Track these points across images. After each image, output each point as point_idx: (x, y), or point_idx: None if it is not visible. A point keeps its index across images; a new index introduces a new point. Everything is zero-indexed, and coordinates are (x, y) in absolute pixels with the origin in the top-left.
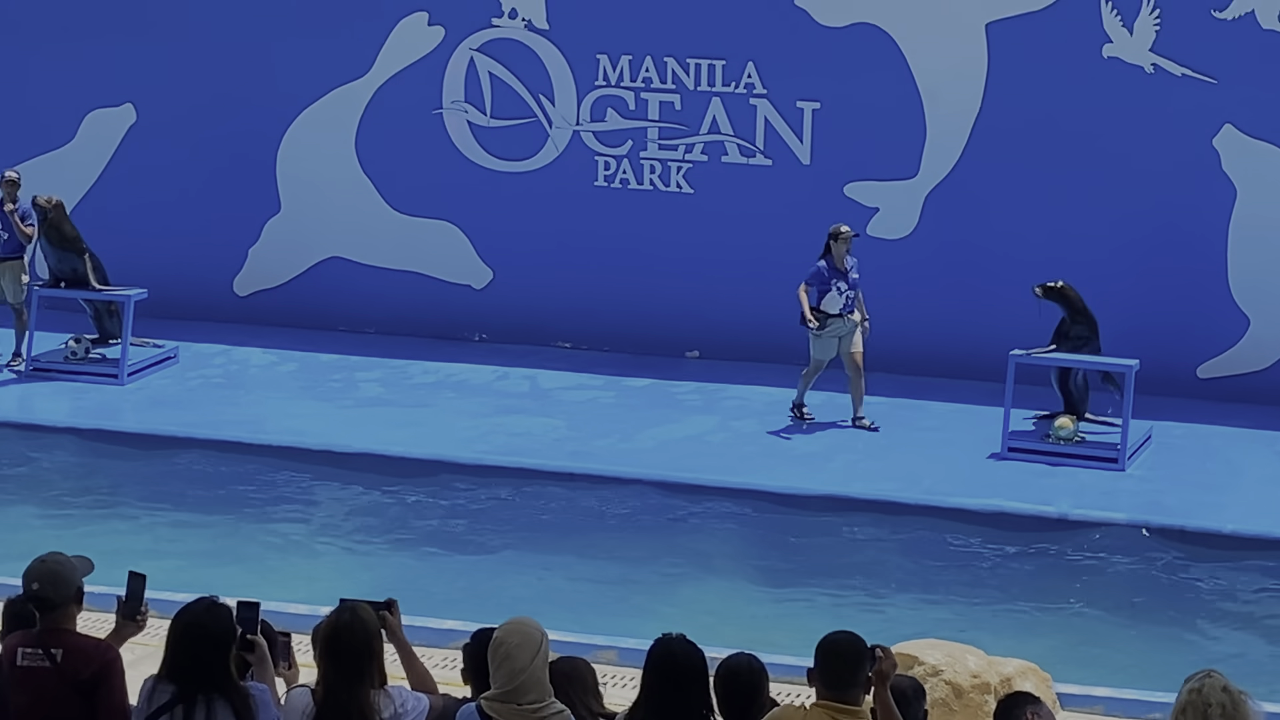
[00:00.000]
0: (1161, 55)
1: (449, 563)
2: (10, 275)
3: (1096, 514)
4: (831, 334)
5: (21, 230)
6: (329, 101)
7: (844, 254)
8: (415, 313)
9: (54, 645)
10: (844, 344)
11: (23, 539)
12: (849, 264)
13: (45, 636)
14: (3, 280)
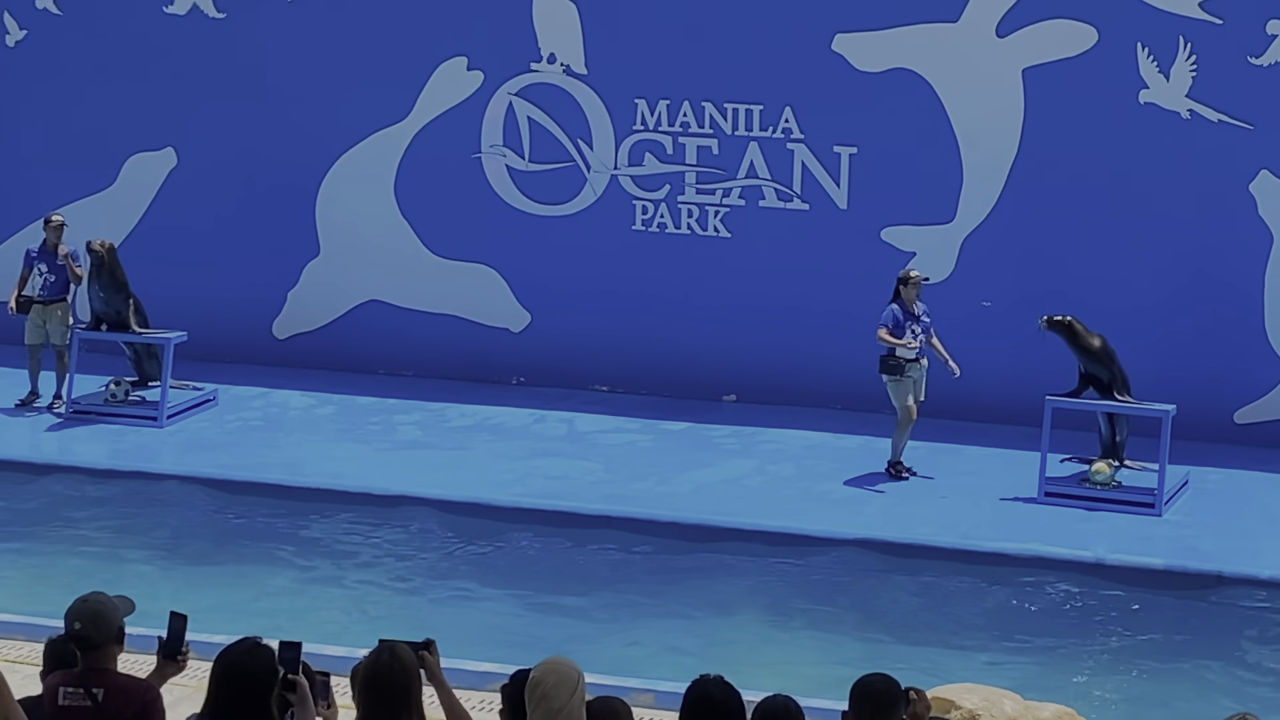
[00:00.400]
0: (1198, 101)
1: (486, 605)
2: (56, 317)
3: (1133, 559)
4: (909, 378)
5: (74, 272)
6: (368, 145)
7: (914, 298)
8: (453, 356)
9: (95, 685)
10: (918, 388)
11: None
12: (919, 308)
13: (87, 676)
14: (49, 322)
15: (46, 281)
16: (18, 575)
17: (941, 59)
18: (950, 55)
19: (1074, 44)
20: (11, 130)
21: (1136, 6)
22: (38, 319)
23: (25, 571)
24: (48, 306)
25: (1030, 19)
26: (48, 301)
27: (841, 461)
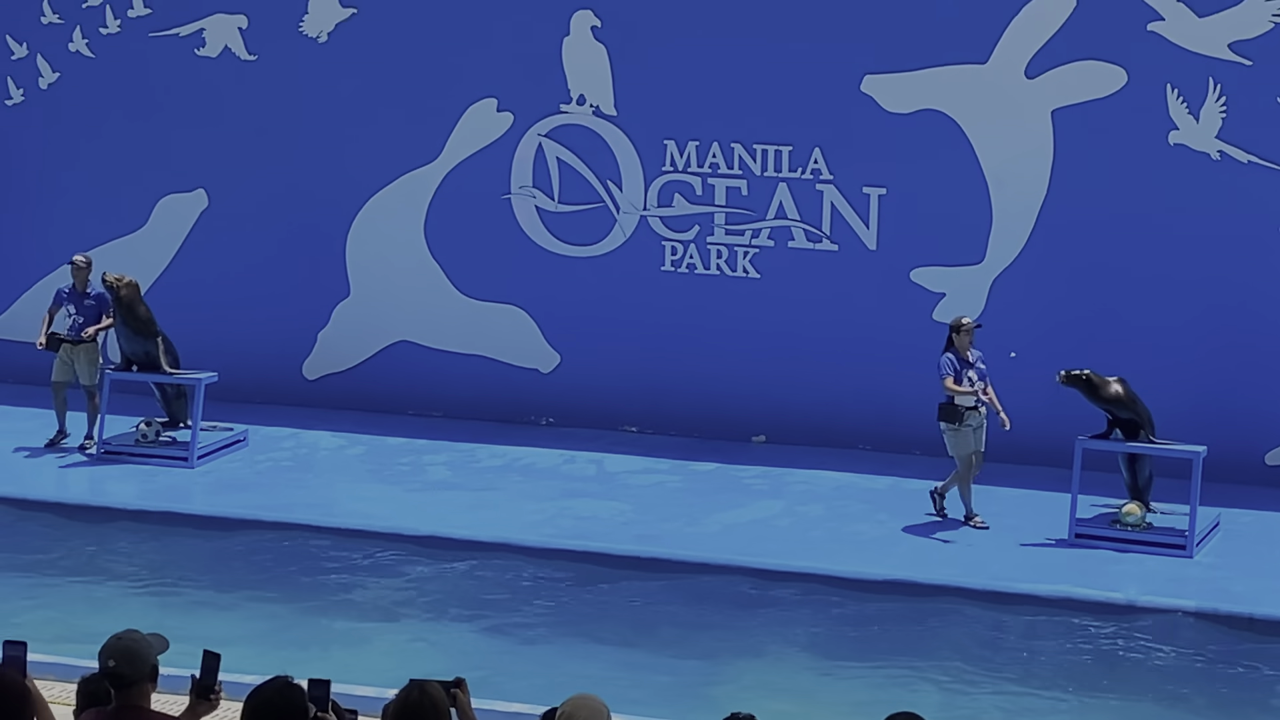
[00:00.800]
0: (1228, 142)
1: (516, 645)
2: (85, 358)
3: (1164, 601)
4: (968, 426)
5: (102, 327)
6: (398, 187)
7: (967, 345)
8: (483, 396)
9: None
10: (978, 438)
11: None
12: (974, 355)
13: (120, 714)
14: (78, 363)
15: (75, 323)
16: (51, 615)
17: (971, 100)
18: (979, 96)
19: (1103, 85)
20: (43, 172)
21: (1166, 48)
22: (66, 357)
23: (58, 612)
24: (76, 346)
25: (1059, 60)
26: (76, 341)
27: (871, 503)
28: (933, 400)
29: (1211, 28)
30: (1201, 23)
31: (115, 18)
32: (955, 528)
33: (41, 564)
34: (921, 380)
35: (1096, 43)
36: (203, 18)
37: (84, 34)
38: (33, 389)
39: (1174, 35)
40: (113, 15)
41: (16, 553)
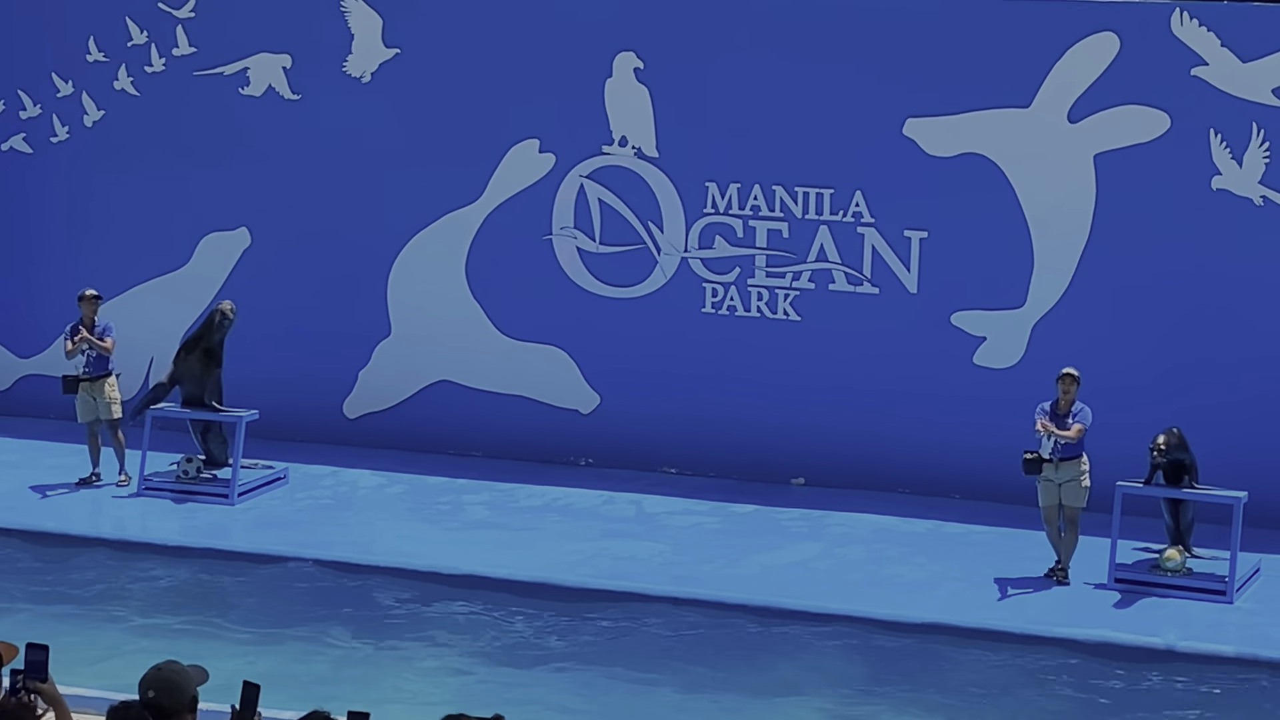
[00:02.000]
0: (1271, 188)
1: (554, 685)
2: (103, 393)
3: (1204, 646)
4: (1046, 479)
5: (101, 346)
6: (440, 227)
7: (1066, 400)
8: (522, 437)
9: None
10: (1064, 492)
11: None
12: (1076, 410)
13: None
14: (97, 399)
15: (89, 359)
16: (90, 650)
17: (1013, 144)
18: (1022, 140)
19: (1146, 130)
20: (87, 209)
21: (1209, 92)
22: (86, 396)
23: (98, 646)
24: (94, 383)
25: (1102, 105)
26: (93, 378)
27: (910, 546)
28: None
29: (1255, 73)
30: (1245, 68)
31: (160, 56)
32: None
33: (82, 598)
34: (962, 424)
35: (1140, 87)
36: (247, 57)
37: (129, 72)
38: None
39: (1217, 80)
40: (157, 54)
41: (58, 587)
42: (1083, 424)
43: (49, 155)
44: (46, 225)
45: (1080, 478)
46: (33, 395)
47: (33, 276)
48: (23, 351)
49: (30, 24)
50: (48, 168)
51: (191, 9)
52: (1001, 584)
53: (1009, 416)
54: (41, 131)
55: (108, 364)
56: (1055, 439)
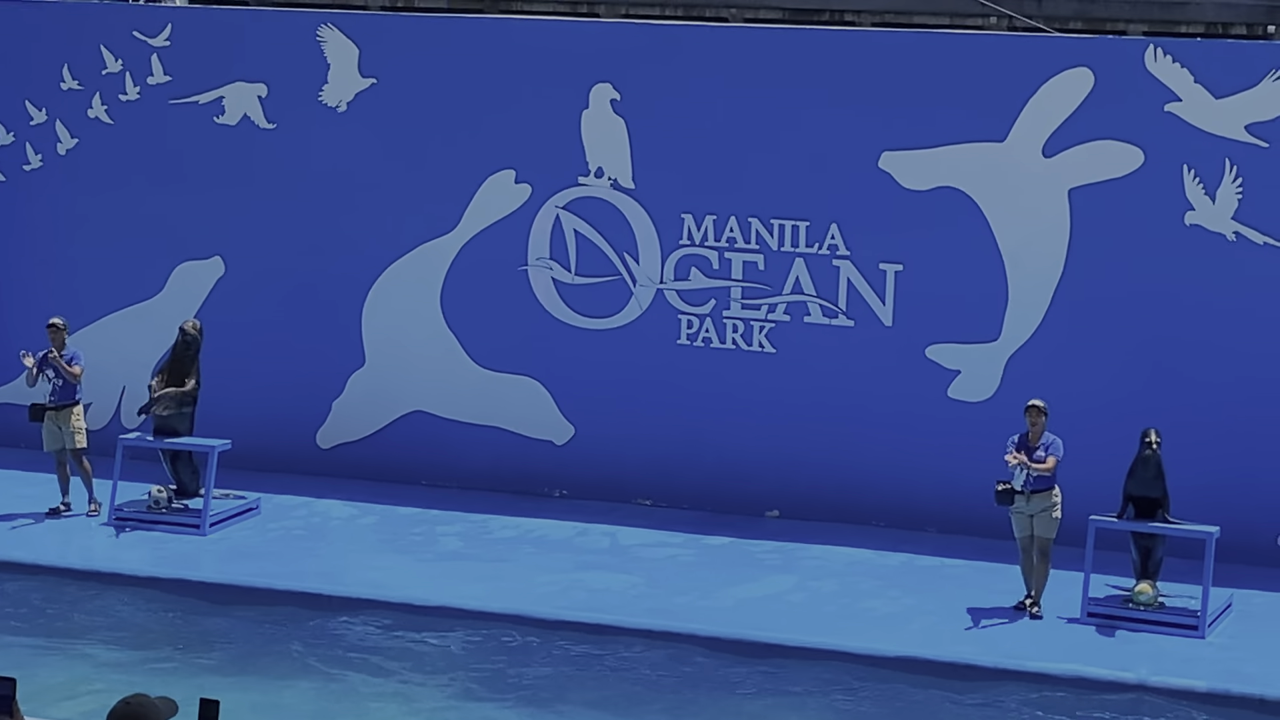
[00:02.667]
0: (1244, 224)
1: (527, 717)
2: (69, 422)
3: (1176, 681)
4: (1018, 511)
5: (70, 371)
6: (415, 257)
7: (1036, 431)
8: (496, 468)
9: None
10: (1035, 523)
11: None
12: (1046, 441)
13: None
14: (63, 428)
15: (55, 387)
16: (58, 682)
17: (988, 178)
18: (997, 174)
19: (1120, 165)
20: (60, 237)
21: (1183, 129)
22: (52, 425)
23: (67, 678)
24: (59, 412)
25: (1077, 140)
26: (59, 407)
27: (884, 579)
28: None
29: (1229, 109)
30: (1219, 104)
31: (135, 85)
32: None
33: (50, 629)
34: (937, 457)
35: (1114, 123)
36: (222, 86)
37: (103, 100)
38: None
39: (1191, 116)
40: (132, 82)
41: (25, 619)
42: (1056, 456)
43: (21, 183)
44: (18, 253)
45: (1051, 509)
46: (2, 424)
47: (3, 304)
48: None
49: (3, 51)
50: (20, 195)
51: (167, 37)
52: (975, 617)
53: (984, 450)
54: (14, 159)
55: (75, 393)
56: (1028, 471)
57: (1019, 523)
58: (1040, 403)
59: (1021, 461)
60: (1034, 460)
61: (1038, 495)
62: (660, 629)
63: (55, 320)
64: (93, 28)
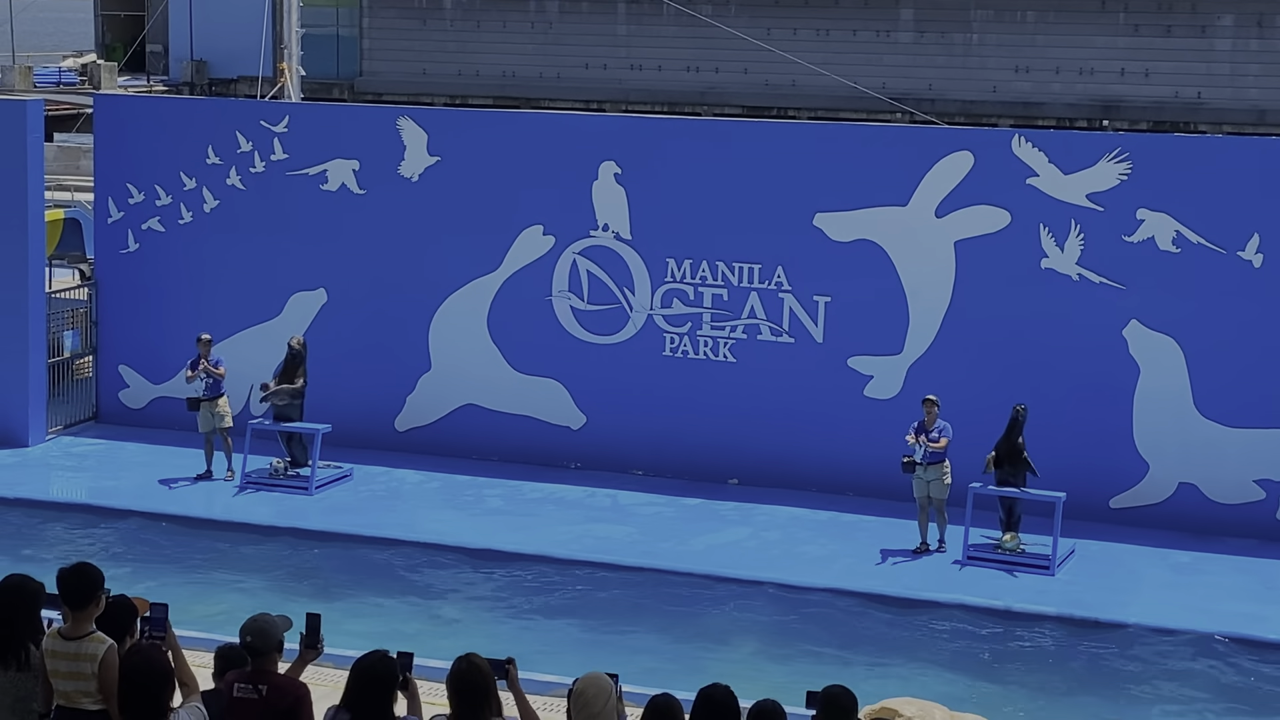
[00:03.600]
0: (1085, 267)
1: (549, 630)
2: (217, 410)
3: (1033, 607)
4: (917, 477)
5: (215, 372)
6: (469, 289)
7: (930, 418)
8: (528, 446)
9: (261, 682)
10: (930, 487)
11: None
12: (939, 426)
13: (255, 675)
14: (215, 415)
15: (206, 384)
16: (200, 604)
17: (895, 233)
18: (901, 230)
19: (993, 223)
20: (205, 272)
21: (1040, 197)
22: (205, 413)
23: (206, 601)
24: (211, 402)
25: (961, 204)
26: (211, 398)
27: (816, 530)
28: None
29: (1074, 183)
30: (1066, 179)
31: (261, 160)
32: (879, 551)
33: (195, 564)
34: (855, 440)
35: (988, 192)
36: (326, 161)
37: (238, 172)
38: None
39: (1046, 187)
40: (259, 158)
41: (176, 557)
42: (947, 437)
43: (177, 233)
44: (174, 284)
45: (943, 476)
46: (162, 412)
47: (163, 322)
48: (154, 379)
49: (164, 136)
50: (176, 242)
51: (285, 125)
52: (884, 558)
53: (890, 435)
54: (172, 215)
55: (220, 387)
56: (925, 447)
57: (918, 486)
58: (934, 397)
59: (920, 441)
60: (930, 440)
61: (933, 466)
62: (649, 566)
63: (203, 335)
64: (231, 118)
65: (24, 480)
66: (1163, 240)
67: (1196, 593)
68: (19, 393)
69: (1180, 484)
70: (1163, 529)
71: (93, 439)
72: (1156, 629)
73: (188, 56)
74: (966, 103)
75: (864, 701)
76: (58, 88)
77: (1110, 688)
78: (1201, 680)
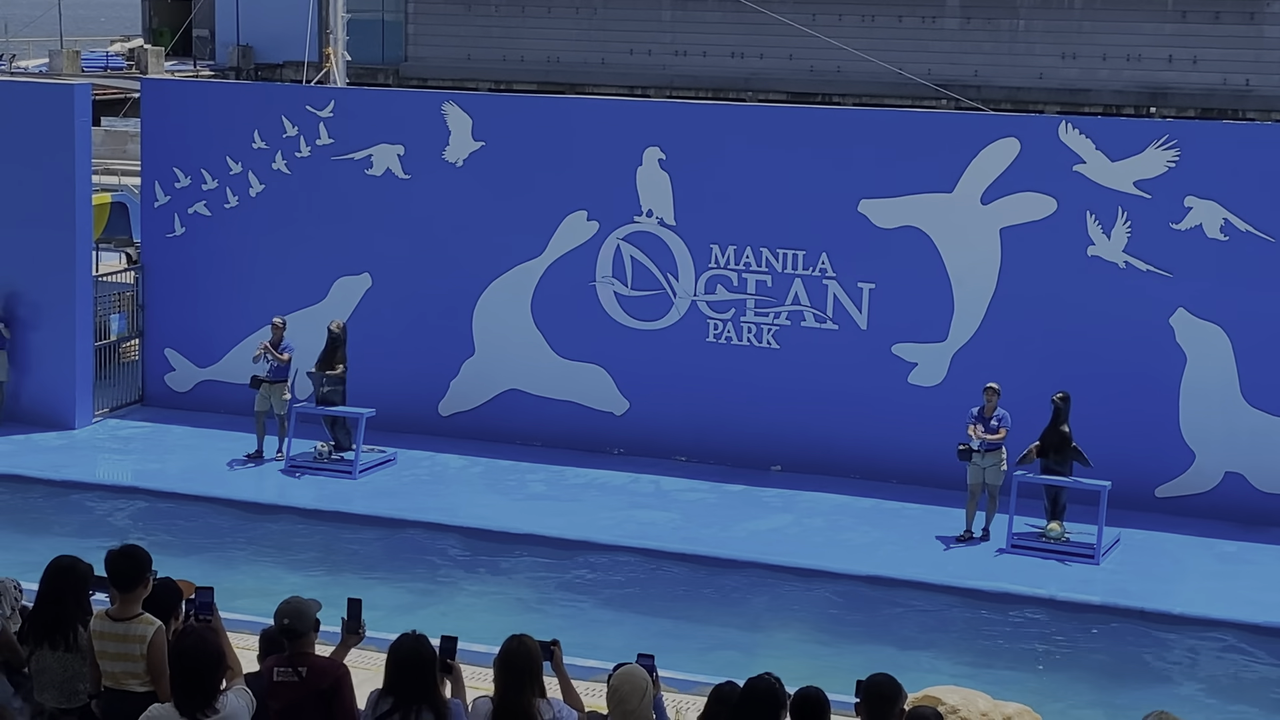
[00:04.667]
0: (1132, 255)
1: (592, 615)
2: (278, 394)
3: (1077, 596)
4: (975, 465)
5: (279, 358)
6: (512, 274)
7: (990, 406)
8: (571, 431)
9: (300, 665)
10: (987, 474)
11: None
12: (998, 414)
13: (294, 658)
14: (273, 397)
15: (272, 367)
16: (245, 585)
17: (940, 219)
18: (946, 217)
19: (1039, 210)
20: (251, 257)
21: (1086, 184)
22: (265, 393)
23: (248, 584)
24: (273, 385)
25: (1007, 190)
26: (273, 381)
27: (859, 518)
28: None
29: (1121, 169)
30: (1114, 165)
31: (307, 145)
32: (921, 538)
33: (239, 548)
34: (898, 427)
35: (1035, 179)
36: (371, 146)
37: (283, 156)
38: (239, 418)
39: (1093, 174)
40: (305, 143)
41: (222, 540)
42: (1006, 427)
43: (223, 217)
44: (219, 269)
45: (1000, 463)
46: (208, 395)
47: (209, 307)
48: (201, 362)
49: (211, 121)
50: (222, 227)
51: (330, 110)
52: (927, 547)
53: (933, 422)
54: (218, 200)
55: (286, 372)
56: (982, 435)
57: (973, 473)
58: (995, 385)
59: (980, 436)
60: (989, 431)
61: (990, 453)
62: (692, 553)
63: (276, 320)
64: (277, 103)
65: (71, 462)
66: (1210, 228)
67: (1242, 582)
68: (66, 375)
69: (1227, 473)
70: (1209, 518)
71: (138, 422)
72: (1202, 619)
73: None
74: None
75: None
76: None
77: (1154, 677)
78: (1247, 671)
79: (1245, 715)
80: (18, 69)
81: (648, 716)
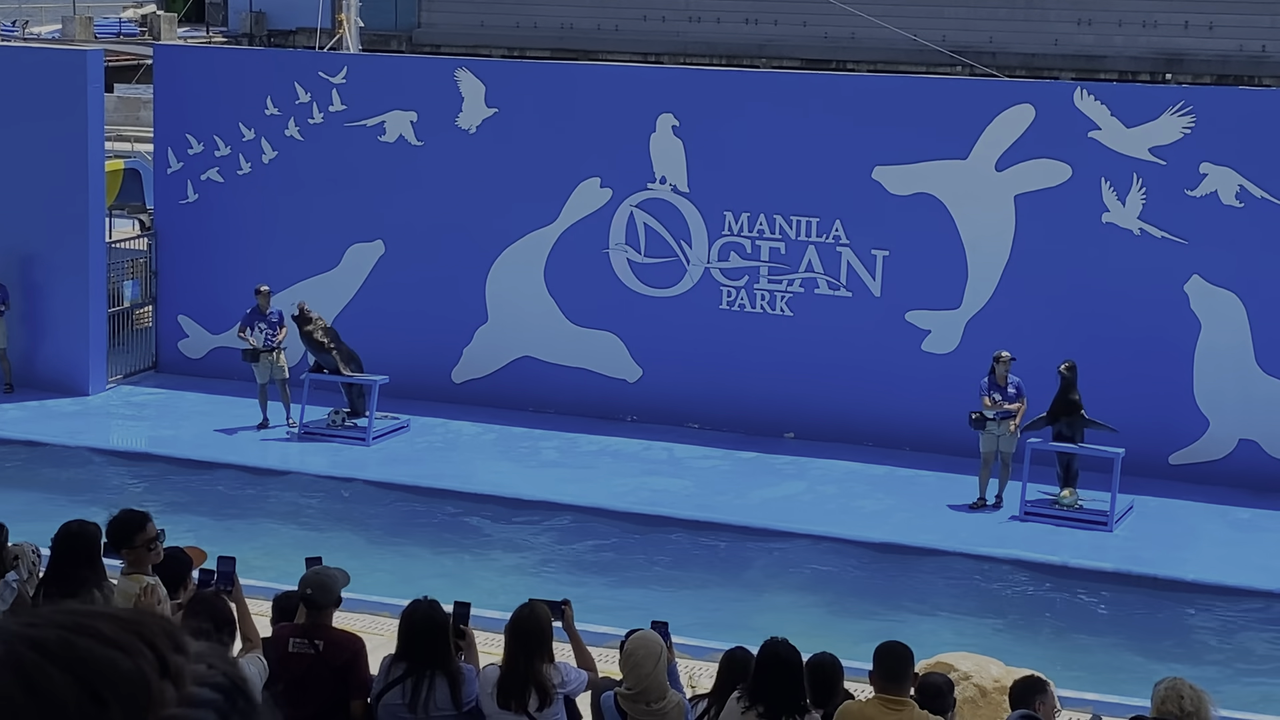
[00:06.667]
0: (1146, 222)
1: (604, 581)
2: (278, 361)
3: (1090, 563)
4: (989, 433)
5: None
6: (526, 241)
7: (1002, 374)
8: (584, 398)
9: (318, 637)
10: (1000, 441)
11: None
12: (1012, 381)
13: (311, 630)
14: (273, 366)
15: (266, 336)
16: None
17: (954, 186)
18: (961, 184)
19: (1054, 177)
20: (264, 224)
21: (1101, 150)
22: (265, 364)
23: (261, 551)
24: (268, 354)
25: (1022, 157)
26: (270, 350)
27: (872, 485)
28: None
29: (1136, 136)
30: (1129, 132)
31: (320, 111)
32: (934, 505)
33: (253, 514)
34: (912, 395)
35: (1049, 145)
36: (384, 113)
37: (296, 123)
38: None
39: (1108, 141)
40: (318, 109)
41: (236, 507)
42: (1025, 395)
43: (236, 184)
44: (233, 236)
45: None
46: (221, 362)
47: (222, 273)
48: (214, 329)
49: (224, 87)
50: (235, 193)
51: (344, 76)
52: (940, 514)
53: (947, 390)
54: (231, 166)
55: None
56: (998, 404)
57: (986, 441)
58: (1007, 354)
59: (998, 407)
60: (1007, 400)
61: (1005, 421)
62: (705, 519)
63: (261, 287)
64: (289, 68)
65: (85, 429)
66: (1225, 195)
67: (1256, 549)
68: (80, 342)
69: (1241, 440)
70: (1222, 485)
71: (152, 388)
72: (1215, 586)
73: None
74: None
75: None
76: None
77: (1168, 644)
78: (1259, 637)
79: (1260, 682)
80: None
81: (662, 682)
